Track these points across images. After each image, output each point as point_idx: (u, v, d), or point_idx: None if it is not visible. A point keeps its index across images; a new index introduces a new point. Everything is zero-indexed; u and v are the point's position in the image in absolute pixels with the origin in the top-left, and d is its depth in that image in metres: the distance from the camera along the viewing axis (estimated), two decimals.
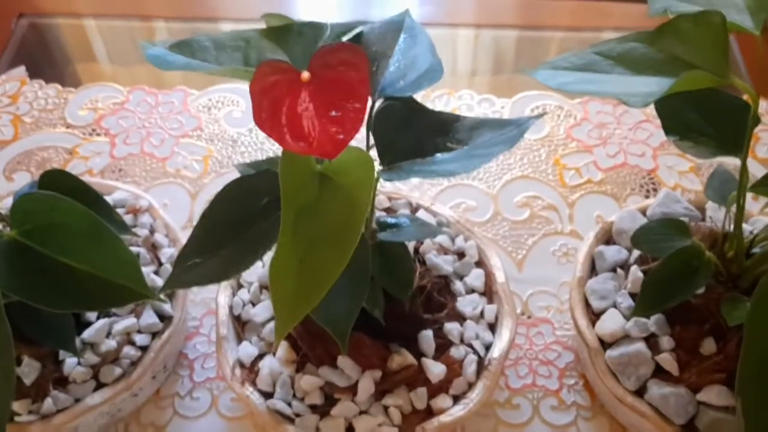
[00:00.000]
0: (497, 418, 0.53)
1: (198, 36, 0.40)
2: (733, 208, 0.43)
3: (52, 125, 0.73)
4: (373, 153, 0.40)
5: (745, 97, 0.40)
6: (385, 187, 0.65)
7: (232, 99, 0.75)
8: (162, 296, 0.51)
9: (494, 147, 0.39)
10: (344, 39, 0.43)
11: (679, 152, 0.70)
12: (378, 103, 0.40)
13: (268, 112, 0.32)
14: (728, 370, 0.45)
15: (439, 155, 0.40)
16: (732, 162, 0.51)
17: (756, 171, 0.67)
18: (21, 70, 0.79)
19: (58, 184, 0.41)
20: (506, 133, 0.40)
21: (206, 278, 0.35)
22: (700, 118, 0.43)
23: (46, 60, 0.82)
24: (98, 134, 0.72)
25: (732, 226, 0.45)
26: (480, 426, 0.53)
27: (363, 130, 0.40)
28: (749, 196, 0.52)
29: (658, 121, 0.70)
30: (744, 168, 0.41)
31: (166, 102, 0.75)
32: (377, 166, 0.40)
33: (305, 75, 0.31)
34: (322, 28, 0.38)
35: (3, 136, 0.72)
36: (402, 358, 0.48)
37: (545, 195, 0.67)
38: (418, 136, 0.40)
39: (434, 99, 0.75)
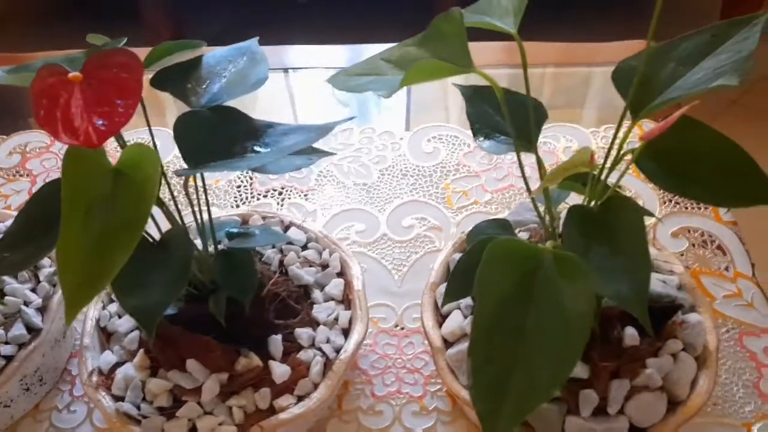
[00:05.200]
0: (359, 424, 0.54)
1: (35, 61, 0.44)
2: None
3: None
4: None
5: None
6: (268, 209, 0.69)
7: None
8: (32, 309, 0.54)
9: (295, 146, 0.42)
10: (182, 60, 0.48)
11: None
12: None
13: (46, 110, 0.35)
14: None
15: (247, 156, 0.43)
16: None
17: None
18: None
19: None
20: (311, 137, 0.43)
21: (7, 269, 0.38)
22: (503, 120, 0.46)
23: None
24: (21, 175, 0.77)
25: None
26: (341, 431, 0.54)
27: None
28: None
29: (545, 148, 0.73)
30: (538, 161, 0.44)
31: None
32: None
33: (72, 75, 0.35)
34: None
35: None
36: (248, 360, 0.50)
37: (432, 216, 0.69)
38: (229, 140, 0.43)
39: (337, 133, 0.79)
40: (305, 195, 0.72)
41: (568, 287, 0.33)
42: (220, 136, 0.43)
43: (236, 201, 0.72)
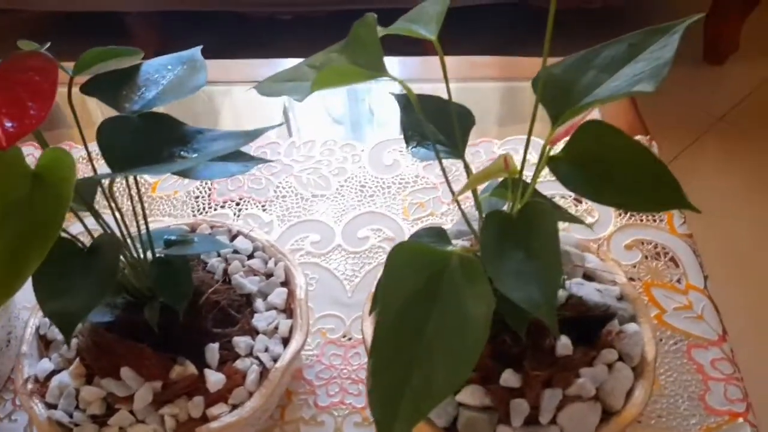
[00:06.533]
0: None
1: None
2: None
3: None
4: None
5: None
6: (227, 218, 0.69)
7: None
8: None
9: (222, 151, 0.42)
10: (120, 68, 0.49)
11: None
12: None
13: None
14: (480, 368, 0.46)
15: (174, 160, 0.43)
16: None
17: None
18: None
19: None
20: (238, 142, 0.43)
21: None
22: (434, 128, 0.46)
23: None
24: None
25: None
26: None
27: None
28: None
29: None
30: (465, 166, 0.44)
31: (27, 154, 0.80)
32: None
33: None
34: None
35: None
36: (183, 368, 0.49)
37: (388, 227, 0.69)
38: (157, 145, 0.44)
39: (300, 146, 0.79)
40: (263, 206, 0.72)
41: (470, 290, 0.32)
42: (148, 142, 0.44)
43: (194, 212, 0.72)
